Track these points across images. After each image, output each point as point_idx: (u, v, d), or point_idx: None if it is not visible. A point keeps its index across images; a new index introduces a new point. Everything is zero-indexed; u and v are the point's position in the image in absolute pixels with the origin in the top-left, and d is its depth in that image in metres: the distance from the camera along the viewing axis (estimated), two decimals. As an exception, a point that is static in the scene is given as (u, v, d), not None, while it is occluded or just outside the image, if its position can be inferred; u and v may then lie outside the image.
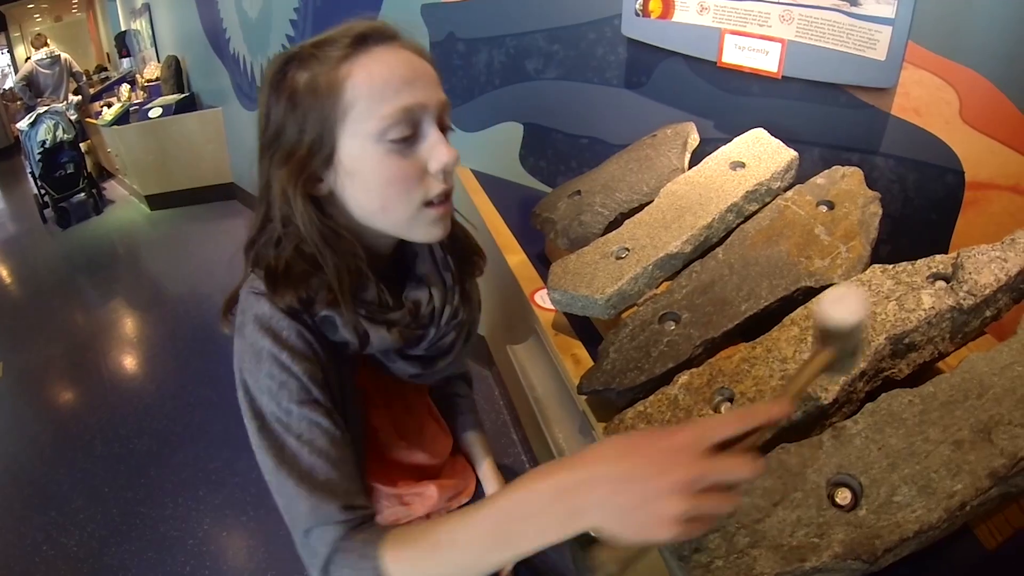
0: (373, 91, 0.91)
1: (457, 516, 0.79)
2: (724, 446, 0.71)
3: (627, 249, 1.47)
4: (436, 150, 0.94)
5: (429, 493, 1.25)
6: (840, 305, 0.79)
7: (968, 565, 0.97)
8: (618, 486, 0.68)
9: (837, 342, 0.81)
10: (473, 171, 2.67)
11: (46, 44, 8.55)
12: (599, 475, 0.69)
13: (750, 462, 0.68)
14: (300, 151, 0.94)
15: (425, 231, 1.00)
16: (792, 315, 1.20)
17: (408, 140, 0.93)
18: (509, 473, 1.39)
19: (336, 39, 0.94)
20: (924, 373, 1.13)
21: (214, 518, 2.67)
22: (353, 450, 0.97)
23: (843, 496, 0.91)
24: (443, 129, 0.98)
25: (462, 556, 0.78)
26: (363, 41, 0.93)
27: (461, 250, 1.14)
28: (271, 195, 0.98)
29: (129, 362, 3.99)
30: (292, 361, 0.93)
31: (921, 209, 1.51)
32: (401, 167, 0.93)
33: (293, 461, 0.91)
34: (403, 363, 1.09)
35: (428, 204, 0.97)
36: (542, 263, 1.56)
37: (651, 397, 1.15)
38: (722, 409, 1.08)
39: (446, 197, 0.99)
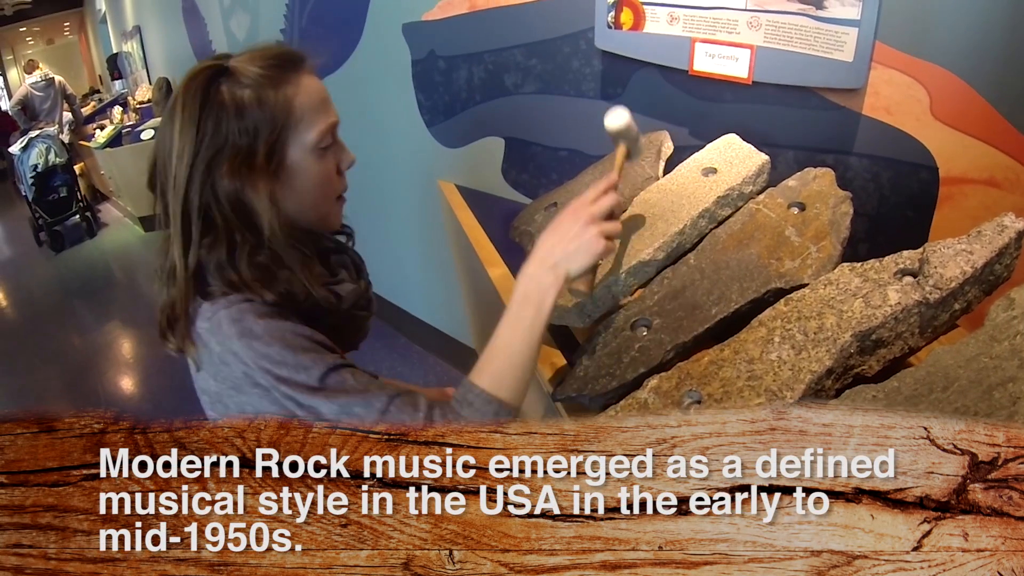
0: (312, 108, 1.11)
1: (499, 324, 1.09)
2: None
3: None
4: (344, 153, 1.18)
5: None
6: (612, 115, 1.28)
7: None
8: (562, 240, 1.11)
9: (623, 139, 1.30)
10: (457, 186, 2.69)
11: (38, 68, 8.57)
12: (551, 244, 1.11)
13: (612, 194, 1.16)
14: (257, 158, 1.06)
15: (334, 220, 1.23)
16: (760, 316, 1.21)
17: (330, 148, 1.13)
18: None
19: (274, 60, 1.10)
20: (895, 369, 1.13)
21: (213, 536, 2.67)
22: None
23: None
24: None
25: (516, 341, 1.07)
26: (298, 65, 1.12)
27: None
28: (219, 207, 1.07)
29: (126, 383, 4.00)
30: (313, 333, 1.06)
31: (897, 207, 1.52)
32: (327, 169, 1.15)
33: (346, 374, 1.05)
34: (362, 313, 1.26)
35: (338, 198, 1.21)
36: (523, 276, 1.58)
37: (621, 402, 1.17)
38: (691, 411, 1.10)
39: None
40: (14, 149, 6.94)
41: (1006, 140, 1.31)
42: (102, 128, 7.50)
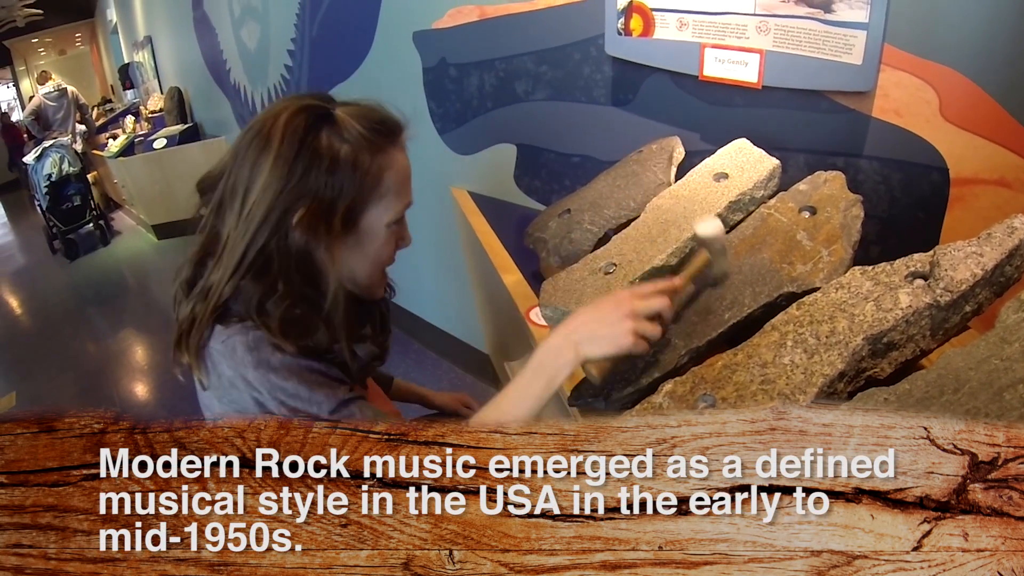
0: (398, 186, 1.15)
1: (509, 385, 1.09)
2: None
3: (614, 264, 1.49)
4: (406, 234, 1.23)
5: None
6: (704, 225, 1.20)
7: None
8: (594, 321, 1.06)
9: (706, 247, 1.21)
10: (470, 193, 2.69)
11: (50, 79, 8.65)
12: (583, 320, 1.07)
13: (664, 298, 1.10)
14: (335, 215, 1.09)
15: (378, 290, 1.27)
16: (772, 321, 1.21)
17: (397, 224, 1.18)
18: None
19: (378, 124, 1.12)
20: (907, 371, 1.13)
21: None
22: None
23: (819, 495, 0.92)
24: None
25: (519, 408, 1.05)
26: (397, 135, 1.16)
27: None
28: (280, 251, 1.09)
29: (140, 389, 4.02)
30: (328, 368, 1.11)
31: (908, 209, 1.52)
32: (389, 244, 1.19)
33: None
34: (374, 362, 1.29)
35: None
36: (537, 281, 1.59)
37: (637, 406, 1.17)
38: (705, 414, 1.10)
39: None
40: (28, 159, 7.01)
41: (1016, 140, 1.31)
42: (115, 138, 7.55)
